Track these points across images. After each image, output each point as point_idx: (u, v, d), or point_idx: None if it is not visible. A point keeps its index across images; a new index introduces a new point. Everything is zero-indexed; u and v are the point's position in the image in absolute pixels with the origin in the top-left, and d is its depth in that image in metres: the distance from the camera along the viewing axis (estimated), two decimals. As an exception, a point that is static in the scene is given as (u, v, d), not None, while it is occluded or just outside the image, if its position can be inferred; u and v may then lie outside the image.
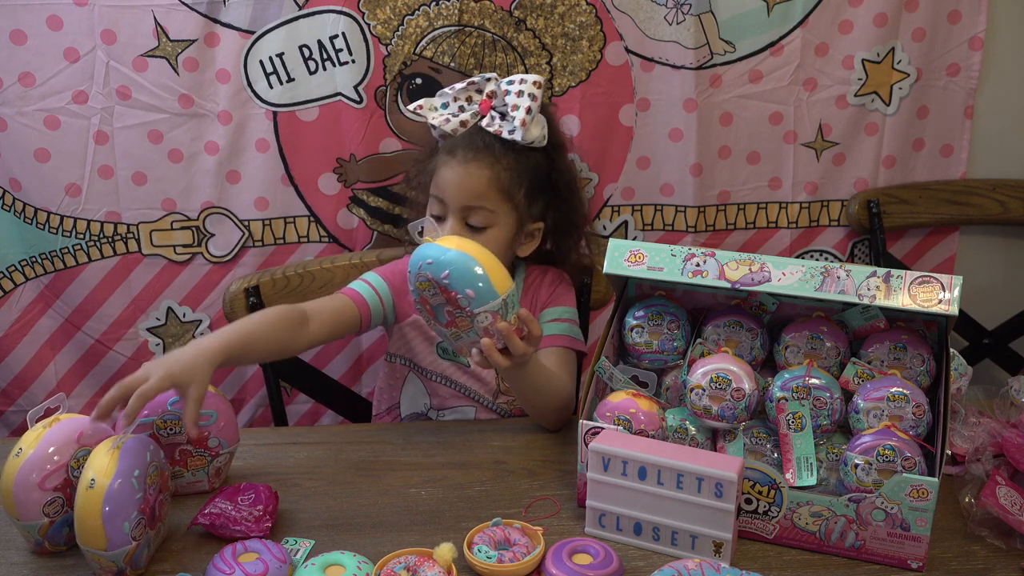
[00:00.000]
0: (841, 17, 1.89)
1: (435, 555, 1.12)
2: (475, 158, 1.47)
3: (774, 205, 2.00)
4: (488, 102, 1.50)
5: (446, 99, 1.52)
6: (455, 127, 1.49)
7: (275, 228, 1.91)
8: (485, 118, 1.49)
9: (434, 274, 1.23)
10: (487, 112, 1.50)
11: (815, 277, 1.21)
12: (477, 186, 1.46)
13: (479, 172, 1.46)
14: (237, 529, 1.19)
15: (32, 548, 1.18)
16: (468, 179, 1.46)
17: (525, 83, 1.48)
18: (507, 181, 1.48)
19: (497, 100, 1.50)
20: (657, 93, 1.90)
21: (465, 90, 1.51)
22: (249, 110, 1.83)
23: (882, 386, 1.21)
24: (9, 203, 1.86)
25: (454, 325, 1.28)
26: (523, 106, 1.47)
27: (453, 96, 1.51)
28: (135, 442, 1.13)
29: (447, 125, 1.49)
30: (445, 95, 1.51)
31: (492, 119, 1.49)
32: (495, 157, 1.47)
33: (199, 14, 1.77)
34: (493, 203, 1.47)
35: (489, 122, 1.49)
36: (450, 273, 1.22)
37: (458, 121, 1.49)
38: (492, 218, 1.48)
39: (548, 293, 1.59)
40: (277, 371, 1.73)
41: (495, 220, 1.48)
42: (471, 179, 1.46)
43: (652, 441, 1.22)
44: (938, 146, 2.00)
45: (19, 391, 1.97)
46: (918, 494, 1.11)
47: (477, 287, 1.22)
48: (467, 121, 1.49)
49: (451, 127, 1.49)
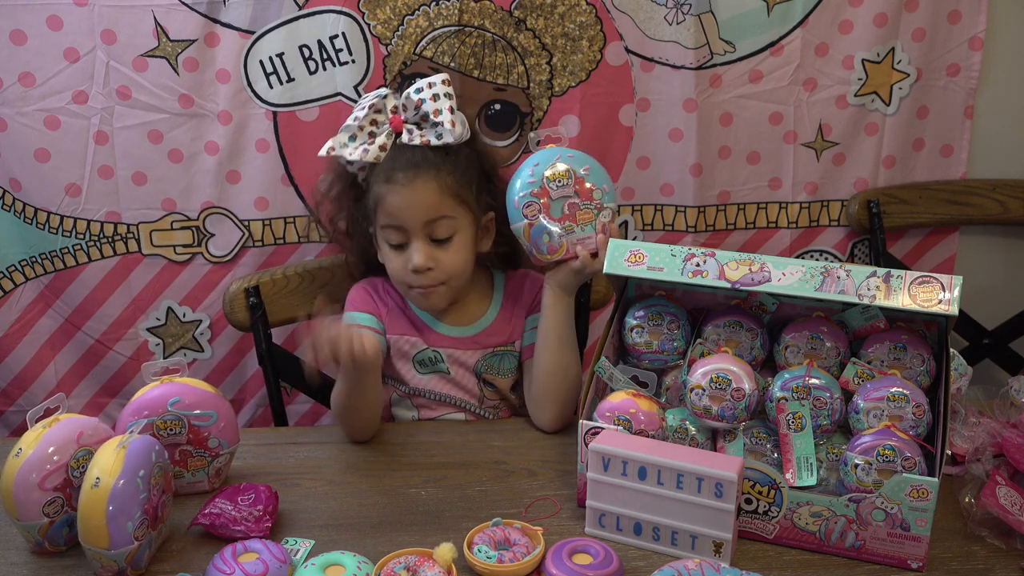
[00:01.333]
0: (841, 17, 1.89)
1: (435, 555, 1.12)
2: (416, 175, 1.43)
3: (774, 205, 2.00)
4: (398, 118, 1.46)
5: (351, 131, 1.46)
6: (376, 154, 1.44)
7: (275, 228, 1.91)
8: (403, 135, 1.46)
9: (574, 166, 1.43)
10: (401, 128, 1.46)
11: (815, 277, 1.21)
12: (430, 199, 1.44)
13: (426, 186, 1.44)
14: (237, 529, 1.19)
15: (32, 548, 1.18)
16: (419, 195, 1.43)
17: (435, 85, 1.44)
18: (455, 185, 1.46)
19: (408, 113, 1.46)
20: (657, 93, 1.90)
21: (367, 115, 1.46)
22: (249, 110, 1.83)
23: (882, 386, 1.21)
24: (9, 203, 1.86)
25: (572, 219, 1.43)
26: (445, 107, 1.44)
27: (358, 126, 1.46)
28: (141, 442, 1.13)
29: (367, 156, 1.44)
30: (349, 128, 1.46)
31: (410, 132, 1.45)
32: (435, 166, 1.44)
33: (199, 14, 1.77)
34: (450, 209, 1.46)
35: (409, 136, 1.45)
36: (590, 168, 1.45)
37: (376, 147, 1.45)
38: (454, 224, 1.47)
39: (532, 297, 1.58)
40: (277, 371, 1.73)
41: (457, 226, 1.47)
42: (422, 195, 1.44)
43: (652, 441, 1.22)
44: (938, 146, 2.00)
45: (19, 391, 1.97)
46: (918, 494, 1.11)
47: (610, 184, 1.47)
48: (385, 144, 1.45)
49: (372, 156, 1.44)
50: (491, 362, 1.56)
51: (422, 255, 1.45)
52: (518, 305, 1.58)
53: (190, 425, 1.27)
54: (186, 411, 1.27)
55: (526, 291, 1.59)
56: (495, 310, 1.58)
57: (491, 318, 1.57)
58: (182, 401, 1.27)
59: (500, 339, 1.56)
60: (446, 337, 1.55)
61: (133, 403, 1.27)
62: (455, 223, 1.47)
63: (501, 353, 1.57)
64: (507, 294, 1.59)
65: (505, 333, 1.57)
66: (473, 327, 1.56)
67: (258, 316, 1.68)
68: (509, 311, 1.58)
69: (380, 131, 1.47)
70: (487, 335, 1.56)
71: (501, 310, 1.58)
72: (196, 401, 1.28)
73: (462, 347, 1.55)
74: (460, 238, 1.48)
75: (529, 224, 1.43)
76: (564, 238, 1.43)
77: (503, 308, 1.58)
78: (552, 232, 1.43)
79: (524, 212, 1.43)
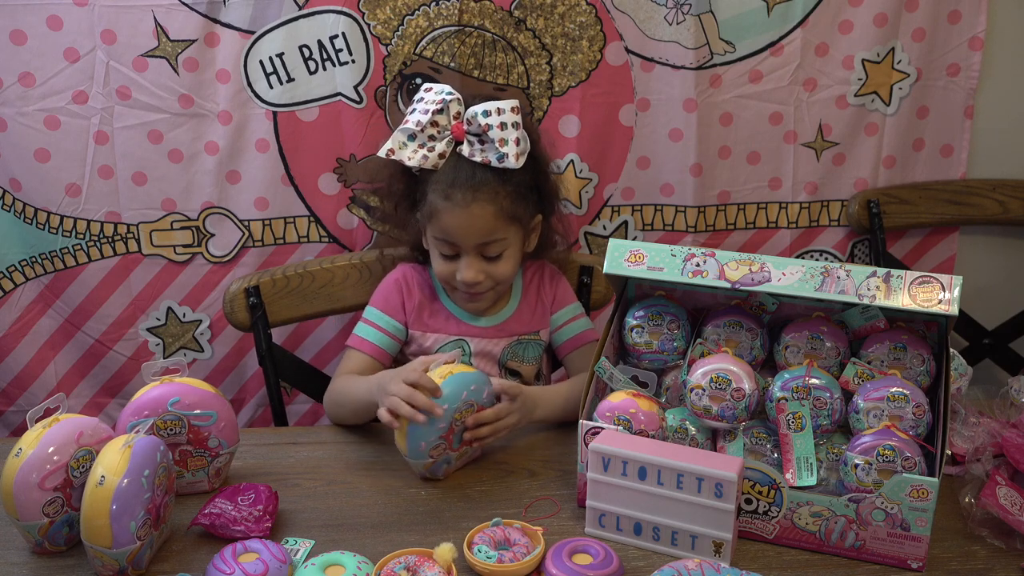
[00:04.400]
0: (841, 17, 1.89)
1: (435, 555, 1.12)
2: (475, 198, 1.43)
3: (774, 205, 2.00)
4: (460, 126, 1.44)
5: (410, 131, 1.44)
6: (435, 162, 1.44)
7: (275, 228, 1.91)
8: (463, 145, 1.44)
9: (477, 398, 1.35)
10: (462, 138, 1.44)
11: (815, 277, 1.21)
12: (485, 225, 1.45)
13: (483, 211, 1.43)
14: (237, 529, 1.19)
15: (32, 548, 1.18)
16: (475, 220, 1.44)
17: (503, 112, 1.42)
18: (510, 208, 1.46)
19: (473, 126, 1.43)
20: (657, 93, 1.90)
21: (428, 115, 1.43)
22: (249, 110, 1.83)
23: (882, 386, 1.21)
24: (9, 203, 1.86)
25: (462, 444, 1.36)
26: (511, 139, 1.42)
27: (419, 128, 1.43)
28: (146, 442, 1.13)
29: (426, 163, 1.43)
30: (407, 129, 1.43)
31: (471, 145, 1.44)
32: (493, 190, 1.43)
33: (199, 14, 1.77)
34: (504, 231, 1.47)
35: (470, 151, 1.43)
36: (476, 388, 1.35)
37: (436, 155, 1.43)
38: (506, 244, 1.49)
39: (553, 291, 1.62)
40: (277, 371, 1.73)
41: (508, 244, 1.49)
42: (478, 220, 1.44)
43: (652, 441, 1.22)
44: (938, 146, 2.00)
45: (19, 391, 1.97)
46: (918, 494, 1.11)
47: (458, 391, 1.32)
48: (445, 152, 1.44)
49: (431, 163, 1.43)
50: (516, 350, 1.59)
51: (473, 271, 1.47)
52: (539, 295, 1.61)
53: (190, 425, 1.27)
54: (186, 411, 1.27)
55: (546, 282, 1.62)
56: (516, 300, 1.60)
57: (514, 307, 1.59)
58: (182, 401, 1.27)
59: (525, 328, 1.59)
60: (474, 327, 1.57)
61: (133, 403, 1.27)
62: (506, 243, 1.49)
63: (526, 342, 1.59)
64: (526, 284, 1.62)
65: (530, 322, 1.60)
66: (499, 316, 1.58)
67: (258, 316, 1.68)
68: (531, 300, 1.61)
69: (441, 137, 1.45)
70: (513, 323, 1.58)
71: (523, 299, 1.60)
72: (196, 401, 1.28)
73: (489, 336, 1.57)
74: (511, 252, 1.50)
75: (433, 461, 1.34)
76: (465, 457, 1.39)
77: (524, 298, 1.61)
78: (453, 459, 1.36)
79: (440, 449, 1.33)
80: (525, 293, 1.61)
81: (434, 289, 1.59)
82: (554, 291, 1.62)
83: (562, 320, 1.62)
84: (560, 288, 1.63)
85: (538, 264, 1.64)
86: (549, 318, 1.62)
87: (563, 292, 1.63)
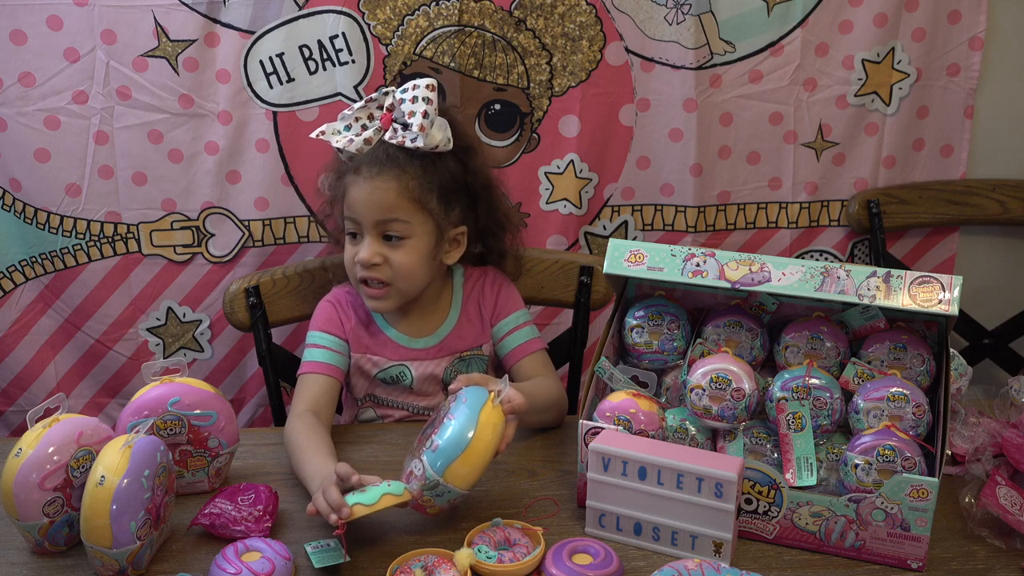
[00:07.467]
0: (841, 17, 1.89)
1: (455, 558, 1.12)
2: (380, 172, 1.43)
3: (774, 205, 2.00)
4: (388, 115, 1.45)
5: (347, 121, 1.46)
6: (360, 146, 1.44)
7: (275, 228, 1.91)
8: (387, 131, 1.45)
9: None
10: (388, 126, 1.45)
11: (815, 277, 1.21)
12: (386, 199, 1.43)
13: (386, 185, 1.43)
14: (237, 529, 1.19)
15: (32, 548, 1.18)
16: (376, 193, 1.43)
17: (419, 88, 1.43)
18: (417, 190, 1.44)
19: (396, 112, 1.45)
20: (657, 93, 1.90)
21: (365, 108, 1.46)
22: (249, 110, 1.83)
23: (882, 386, 1.21)
24: (9, 203, 1.86)
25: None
26: (419, 111, 1.42)
27: (355, 116, 1.46)
28: (147, 442, 1.13)
29: (351, 146, 1.44)
30: (346, 117, 1.46)
31: (394, 131, 1.44)
32: (401, 168, 1.43)
33: (199, 14, 1.77)
34: (406, 213, 1.44)
35: (392, 135, 1.44)
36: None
37: (362, 140, 1.44)
38: (407, 228, 1.45)
39: (493, 300, 1.57)
40: (277, 371, 1.73)
41: (411, 231, 1.46)
42: (380, 193, 1.43)
43: (652, 441, 1.22)
44: (938, 146, 2.00)
45: (19, 391, 1.97)
46: (918, 494, 1.11)
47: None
48: (371, 138, 1.45)
49: (356, 147, 1.44)
50: (460, 368, 1.55)
51: (369, 250, 1.45)
52: (480, 307, 1.57)
53: (190, 425, 1.27)
54: (186, 411, 1.27)
55: (487, 292, 1.58)
56: (456, 314, 1.56)
57: (453, 322, 1.55)
58: (182, 401, 1.27)
59: (466, 344, 1.55)
60: (412, 350, 1.53)
61: (133, 403, 1.27)
62: (408, 227, 1.45)
63: (468, 358, 1.56)
64: (467, 293, 1.57)
65: (471, 337, 1.56)
66: (436, 335, 1.54)
67: (258, 316, 1.68)
68: (471, 314, 1.56)
69: (371, 125, 1.46)
70: (453, 340, 1.54)
71: (462, 312, 1.56)
72: (196, 401, 1.28)
73: (430, 357, 1.54)
74: (414, 242, 1.46)
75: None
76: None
77: (464, 310, 1.56)
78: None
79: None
80: (464, 306, 1.56)
81: (369, 313, 1.55)
82: (495, 299, 1.57)
83: (505, 330, 1.56)
84: (503, 295, 1.58)
85: (481, 271, 1.60)
86: (490, 330, 1.57)
87: (505, 299, 1.58)
